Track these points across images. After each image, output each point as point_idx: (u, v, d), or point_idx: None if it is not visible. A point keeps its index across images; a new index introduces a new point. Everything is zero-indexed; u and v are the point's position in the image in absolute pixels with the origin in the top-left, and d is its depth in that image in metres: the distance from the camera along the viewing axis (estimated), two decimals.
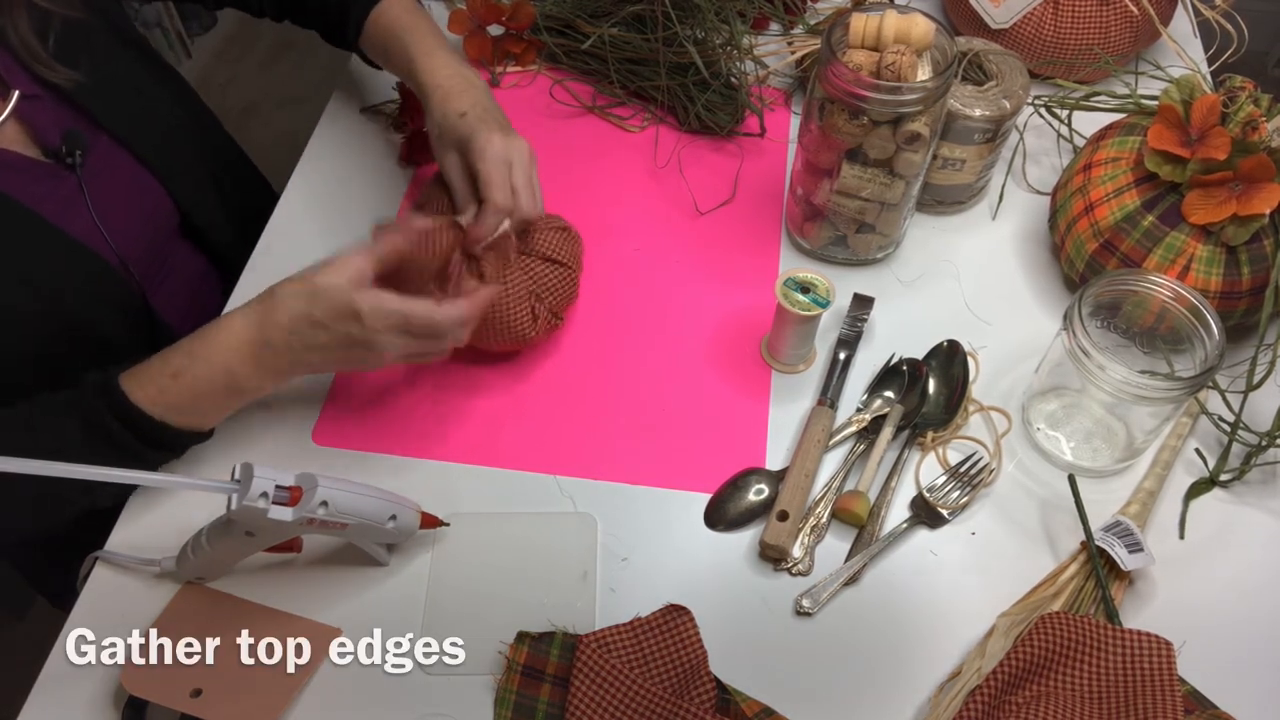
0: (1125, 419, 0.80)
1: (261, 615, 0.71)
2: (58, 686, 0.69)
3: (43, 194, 0.76)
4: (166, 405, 0.69)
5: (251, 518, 0.61)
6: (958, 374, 0.84)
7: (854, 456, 0.80)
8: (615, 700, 0.66)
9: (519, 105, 1.06)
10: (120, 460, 0.68)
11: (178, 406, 0.69)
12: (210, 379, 0.69)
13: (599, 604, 0.73)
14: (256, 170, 1.10)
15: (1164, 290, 0.75)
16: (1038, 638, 0.68)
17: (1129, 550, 0.72)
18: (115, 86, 0.83)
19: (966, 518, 0.78)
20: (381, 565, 0.74)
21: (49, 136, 0.77)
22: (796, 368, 0.86)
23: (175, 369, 0.69)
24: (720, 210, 0.97)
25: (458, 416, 0.82)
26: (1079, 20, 1.03)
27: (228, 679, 0.68)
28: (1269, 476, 0.80)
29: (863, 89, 0.77)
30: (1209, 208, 0.78)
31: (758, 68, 1.06)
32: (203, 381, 0.69)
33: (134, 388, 0.68)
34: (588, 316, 0.89)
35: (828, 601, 0.73)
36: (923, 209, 0.97)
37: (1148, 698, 0.66)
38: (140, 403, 0.68)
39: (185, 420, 0.70)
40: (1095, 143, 0.88)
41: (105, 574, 0.74)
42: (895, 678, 0.70)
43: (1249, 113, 0.77)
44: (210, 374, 0.69)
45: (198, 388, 0.69)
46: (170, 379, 0.69)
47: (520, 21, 1.05)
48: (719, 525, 0.77)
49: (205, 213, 0.91)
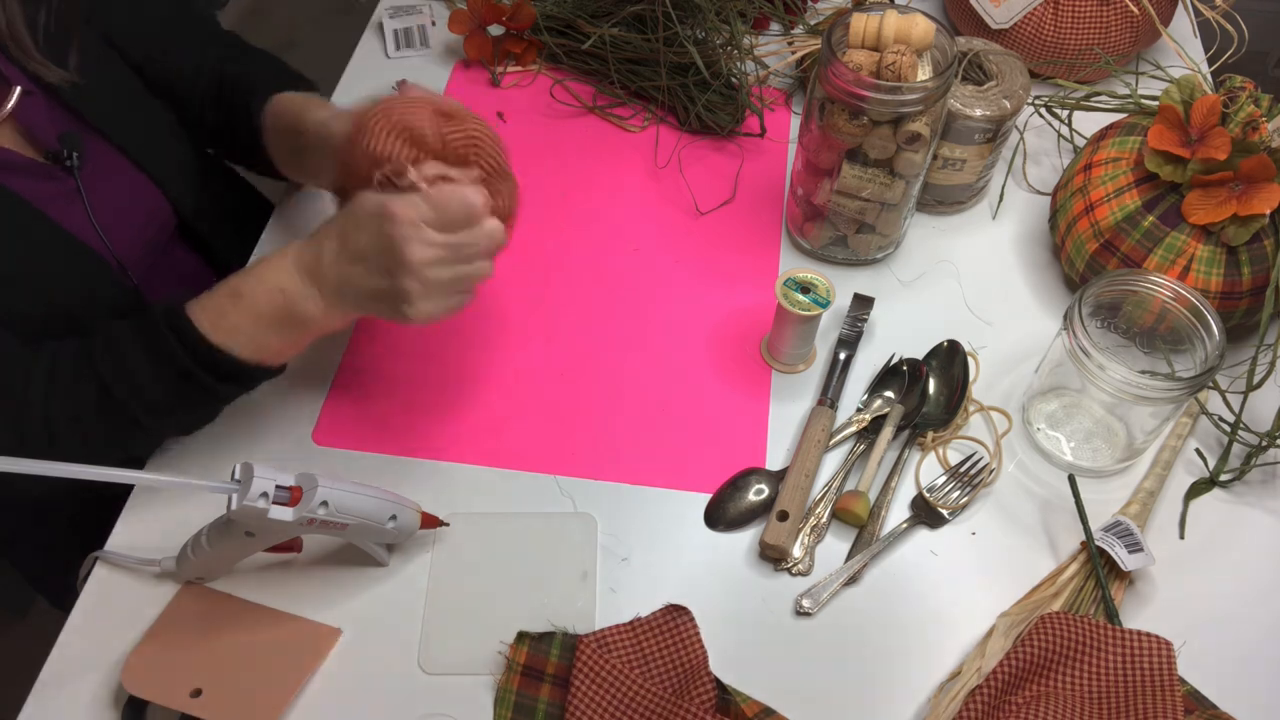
0: (1125, 419, 0.80)
1: (261, 615, 0.71)
2: (58, 686, 0.69)
3: (46, 195, 0.76)
4: (228, 329, 0.68)
5: (251, 518, 0.61)
6: (958, 374, 0.84)
7: (854, 456, 0.80)
8: (615, 700, 0.66)
9: (519, 105, 1.06)
10: (188, 390, 0.69)
11: (238, 329, 0.68)
12: (268, 298, 0.68)
13: (599, 604, 0.73)
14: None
15: (1164, 290, 0.75)
16: (1038, 638, 0.68)
17: (1129, 550, 0.72)
18: (107, 88, 0.83)
19: (966, 518, 0.78)
20: (381, 565, 0.74)
21: (45, 138, 0.77)
22: (796, 368, 0.86)
23: (234, 288, 0.69)
24: (720, 210, 0.97)
25: (458, 416, 0.82)
26: (1079, 20, 1.03)
27: (228, 679, 0.68)
28: (1269, 476, 0.80)
29: (863, 89, 0.77)
30: (1209, 208, 0.78)
31: (758, 68, 1.06)
32: (261, 301, 0.68)
33: (198, 311, 0.68)
34: (588, 316, 0.89)
35: (828, 601, 0.73)
36: (923, 209, 0.97)
37: (1148, 698, 0.66)
38: (203, 327, 0.67)
39: (248, 349, 0.69)
40: (1095, 143, 0.88)
41: (105, 574, 0.74)
42: (895, 678, 0.70)
43: (1249, 113, 0.77)
44: (267, 293, 0.68)
45: (257, 308, 0.68)
46: (230, 300, 0.68)
47: (520, 21, 1.05)
48: (719, 525, 0.77)
49: (202, 214, 0.91)
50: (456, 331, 0.87)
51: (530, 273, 0.92)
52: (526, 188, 0.98)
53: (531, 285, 0.91)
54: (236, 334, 0.68)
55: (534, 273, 0.92)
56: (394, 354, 0.86)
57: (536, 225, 0.95)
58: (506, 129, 1.04)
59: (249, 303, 0.68)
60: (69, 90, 0.78)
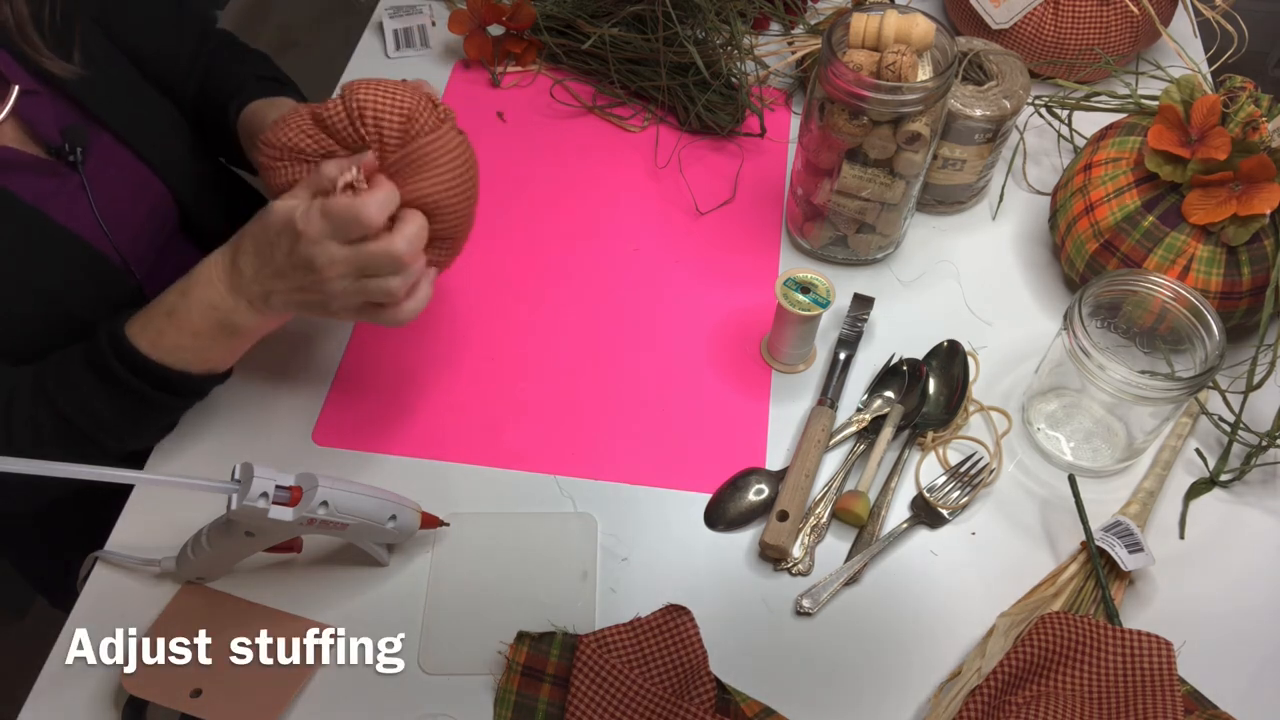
0: (1125, 419, 0.80)
1: (261, 615, 0.71)
2: (58, 686, 0.69)
3: (47, 192, 0.76)
4: (167, 348, 0.69)
5: (251, 518, 0.61)
6: (958, 374, 0.84)
7: (854, 456, 0.80)
8: (615, 700, 0.66)
9: (519, 105, 1.06)
10: (140, 407, 0.71)
11: (179, 346, 0.70)
12: (202, 315, 0.69)
13: (599, 604, 0.73)
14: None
15: (1164, 290, 0.75)
16: (1038, 638, 0.68)
17: (1129, 550, 0.72)
18: (112, 82, 0.82)
19: (966, 518, 0.78)
20: (381, 565, 0.74)
21: (49, 133, 0.77)
22: (796, 368, 0.86)
23: (169, 307, 0.70)
24: (720, 210, 0.97)
25: (458, 416, 0.82)
26: (1079, 20, 1.03)
27: (228, 679, 0.68)
28: (1269, 476, 0.80)
29: (863, 89, 0.77)
30: (1209, 208, 0.78)
31: (758, 68, 1.06)
32: (195, 318, 0.69)
33: (137, 332, 0.69)
34: (588, 316, 0.89)
35: (828, 601, 0.73)
36: (923, 209, 0.97)
37: (1148, 698, 0.66)
38: (143, 348, 0.69)
39: (191, 362, 0.71)
40: (1095, 143, 0.88)
41: (105, 574, 0.74)
42: (895, 678, 0.70)
43: (1249, 113, 0.77)
44: (200, 310, 0.69)
45: (193, 325, 0.69)
46: (166, 319, 0.69)
47: (520, 21, 1.05)
48: (719, 525, 0.77)
49: (203, 208, 0.91)
50: (456, 331, 0.88)
51: (530, 273, 0.92)
52: (526, 188, 0.99)
53: (531, 285, 0.91)
54: (179, 351, 0.70)
55: (534, 273, 0.92)
56: (394, 354, 0.86)
57: (536, 225, 0.95)
58: (506, 129, 1.04)
59: (184, 320, 0.69)
60: (73, 83, 0.78)
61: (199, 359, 0.71)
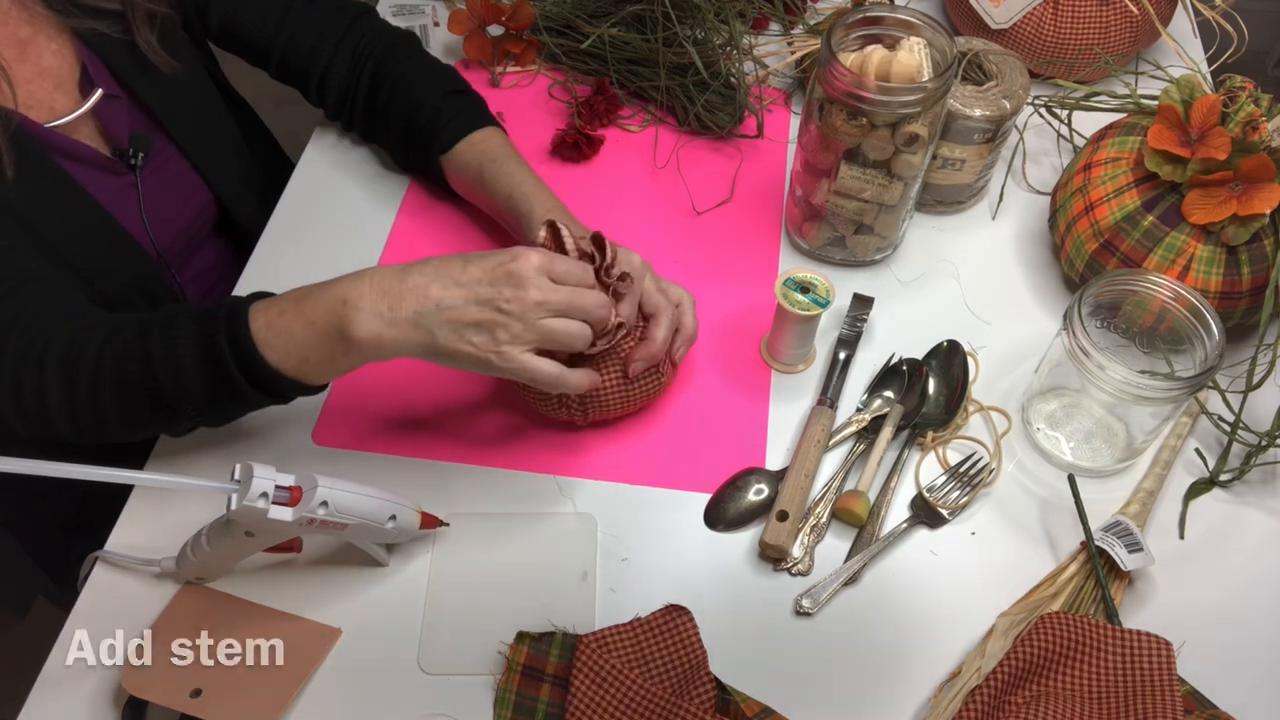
0: (1125, 419, 0.80)
1: (261, 615, 0.71)
2: (58, 686, 0.69)
3: (106, 186, 0.82)
4: (281, 329, 0.66)
5: (251, 518, 0.61)
6: (958, 374, 0.84)
7: (854, 456, 0.80)
8: (615, 700, 0.66)
9: (519, 105, 1.06)
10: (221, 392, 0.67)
11: (289, 332, 0.66)
12: (327, 308, 0.65)
13: (599, 604, 0.73)
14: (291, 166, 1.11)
15: (1164, 290, 0.75)
16: (1037, 638, 0.68)
17: (1129, 550, 0.72)
18: (185, 96, 0.89)
19: (966, 518, 0.78)
20: (381, 565, 0.74)
21: (119, 136, 0.84)
22: (796, 368, 0.86)
23: (304, 291, 0.67)
24: (719, 210, 0.97)
25: (458, 416, 0.82)
26: (1079, 20, 1.03)
27: (228, 679, 0.68)
28: (1269, 476, 0.80)
29: (862, 90, 0.77)
30: (1209, 208, 0.78)
31: (757, 68, 1.06)
32: (320, 308, 0.66)
33: (263, 307, 0.67)
34: None
35: (828, 601, 0.73)
36: (922, 209, 0.97)
37: (1147, 698, 0.66)
38: (257, 325, 0.66)
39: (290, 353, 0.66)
40: (1095, 143, 0.88)
41: (105, 574, 0.74)
42: (895, 678, 0.70)
43: (1249, 113, 0.77)
44: (328, 302, 0.66)
45: (314, 314, 0.66)
46: (294, 301, 0.67)
47: (520, 21, 1.05)
48: (719, 525, 0.77)
49: (241, 206, 0.98)
50: None
51: None
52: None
53: None
54: (286, 337, 0.66)
55: None
56: None
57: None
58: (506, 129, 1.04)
59: (309, 306, 0.66)
60: (148, 94, 0.85)
61: (299, 354, 0.66)
